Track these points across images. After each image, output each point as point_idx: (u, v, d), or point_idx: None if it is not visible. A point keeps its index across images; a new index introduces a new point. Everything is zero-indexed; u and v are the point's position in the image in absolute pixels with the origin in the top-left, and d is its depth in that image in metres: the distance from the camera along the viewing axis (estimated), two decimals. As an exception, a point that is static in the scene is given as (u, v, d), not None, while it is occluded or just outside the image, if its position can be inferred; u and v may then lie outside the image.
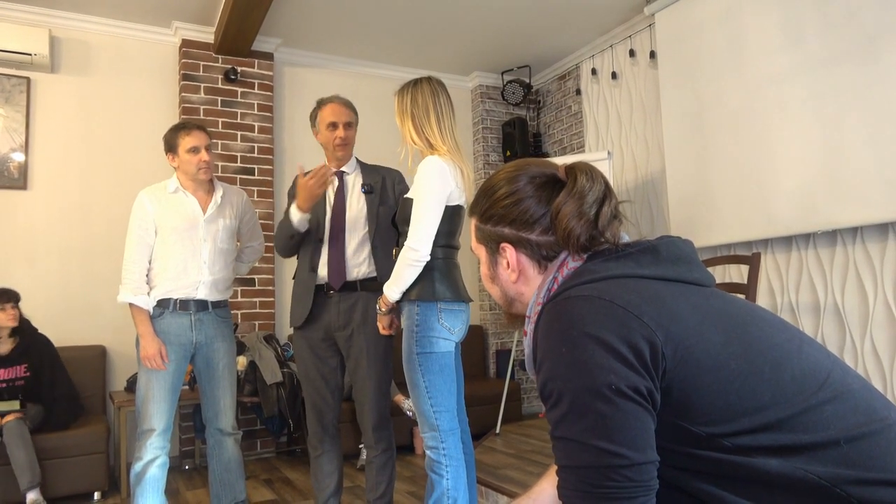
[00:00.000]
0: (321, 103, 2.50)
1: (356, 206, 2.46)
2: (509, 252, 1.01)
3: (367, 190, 2.47)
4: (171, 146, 2.52)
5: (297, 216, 2.36)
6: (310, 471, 2.53)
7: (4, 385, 3.26)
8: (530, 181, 1.00)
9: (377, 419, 2.41)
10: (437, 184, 2.04)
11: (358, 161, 2.58)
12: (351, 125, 2.48)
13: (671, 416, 0.82)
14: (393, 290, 2.08)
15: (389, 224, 2.45)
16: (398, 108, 2.20)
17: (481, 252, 1.07)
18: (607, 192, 0.97)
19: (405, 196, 2.15)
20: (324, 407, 2.46)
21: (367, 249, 2.43)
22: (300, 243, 2.48)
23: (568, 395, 0.82)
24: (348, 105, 2.50)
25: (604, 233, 0.95)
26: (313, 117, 2.51)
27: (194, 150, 2.49)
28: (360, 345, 2.39)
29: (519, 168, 1.02)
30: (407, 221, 2.09)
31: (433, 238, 2.05)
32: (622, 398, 0.79)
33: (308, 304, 2.41)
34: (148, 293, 2.47)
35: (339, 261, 2.40)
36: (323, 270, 2.42)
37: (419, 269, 2.04)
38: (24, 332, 3.37)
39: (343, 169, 2.52)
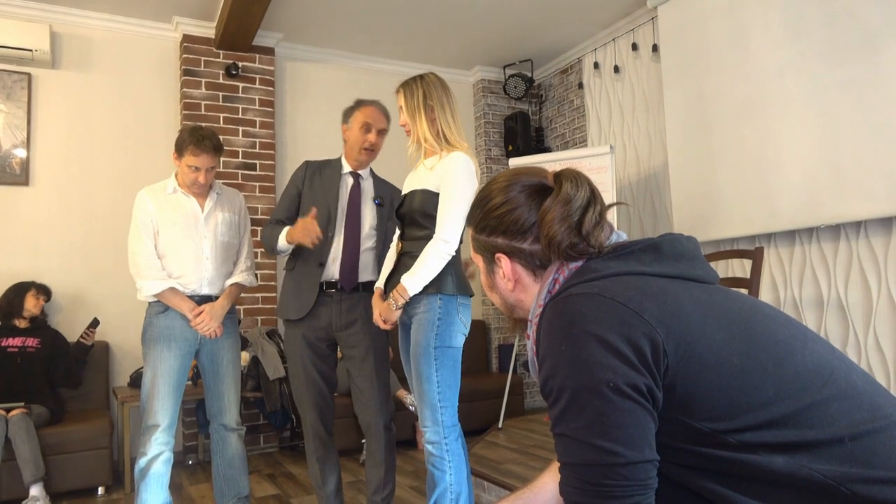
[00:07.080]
0: (361, 103, 2.47)
1: (370, 215, 2.50)
2: (504, 262, 1.02)
3: (380, 203, 2.52)
4: (178, 149, 2.51)
5: (283, 244, 2.40)
6: (309, 469, 2.53)
7: (17, 350, 3.50)
8: (522, 190, 1.00)
9: (390, 417, 2.45)
10: (468, 180, 2.07)
11: (371, 170, 2.60)
12: (383, 133, 2.48)
13: (675, 412, 0.82)
14: (417, 281, 2.01)
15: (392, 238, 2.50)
16: (407, 104, 2.16)
17: (479, 262, 1.08)
18: (592, 198, 0.97)
19: (427, 189, 2.12)
20: (325, 407, 2.48)
21: (372, 257, 2.48)
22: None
23: (567, 393, 0.82)
24: (387, 114, 2.48)
25: (587, 238, 0.95)
26: (348, 113, 2.48)
27: (194, 169, 2.49)
28: (368, 343, 2.42)
29: (511, 178, 1.03)
30: (426, 214, 2.09)
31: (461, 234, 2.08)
32: (620, 396, 0.79)
33: (312, 299, 2.41)
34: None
35: (353, 263, 2.43)
36: (333, 268, 2.42)
37: (445, 262, 2.04)
38: (41, 320, 3.69)
39: (359, 173, 2.53)
